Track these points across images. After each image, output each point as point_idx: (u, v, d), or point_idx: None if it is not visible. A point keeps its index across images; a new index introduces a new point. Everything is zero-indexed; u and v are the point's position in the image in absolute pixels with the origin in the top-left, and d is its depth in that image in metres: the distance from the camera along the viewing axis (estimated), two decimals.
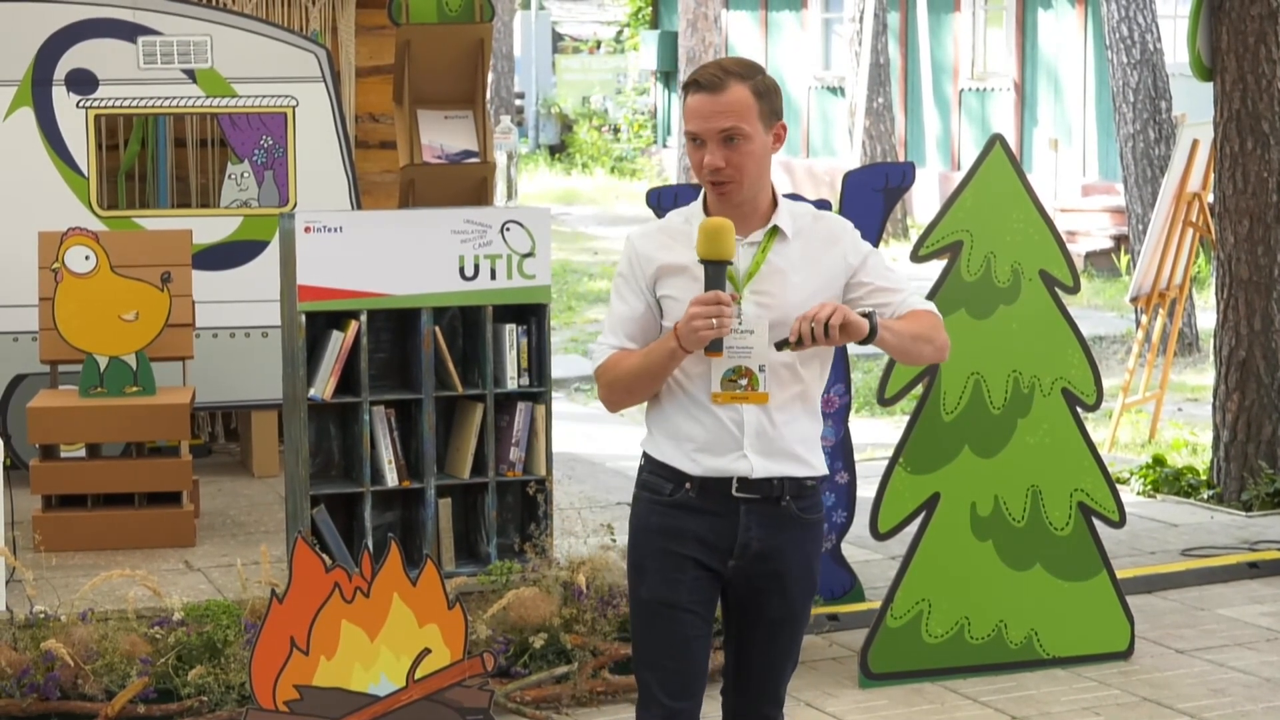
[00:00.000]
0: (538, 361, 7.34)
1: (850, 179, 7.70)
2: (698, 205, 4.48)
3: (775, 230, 4.44)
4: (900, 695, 6.84)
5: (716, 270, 4.29)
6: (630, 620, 4.62)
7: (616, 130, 35.30)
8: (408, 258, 7.12)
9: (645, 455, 4.56)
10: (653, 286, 4.45)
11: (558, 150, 35.83)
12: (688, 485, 4.44)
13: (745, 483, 4.42)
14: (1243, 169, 9.58)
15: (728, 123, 4.32)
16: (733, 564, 4.48)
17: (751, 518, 4.45)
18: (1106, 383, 7.54)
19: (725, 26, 27.50)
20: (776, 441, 4.44)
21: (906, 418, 7.30)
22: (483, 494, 7.32)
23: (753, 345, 4.37)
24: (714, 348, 4.31)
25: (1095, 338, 15.43)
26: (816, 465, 4.52)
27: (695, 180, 18.63)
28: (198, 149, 9.92)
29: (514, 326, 7.28)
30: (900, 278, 4.62)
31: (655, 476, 4.50)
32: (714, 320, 4.23)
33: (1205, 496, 9.78)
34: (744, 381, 4.38)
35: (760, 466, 4.42)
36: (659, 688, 4.50)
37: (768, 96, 4.37)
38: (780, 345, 4.32)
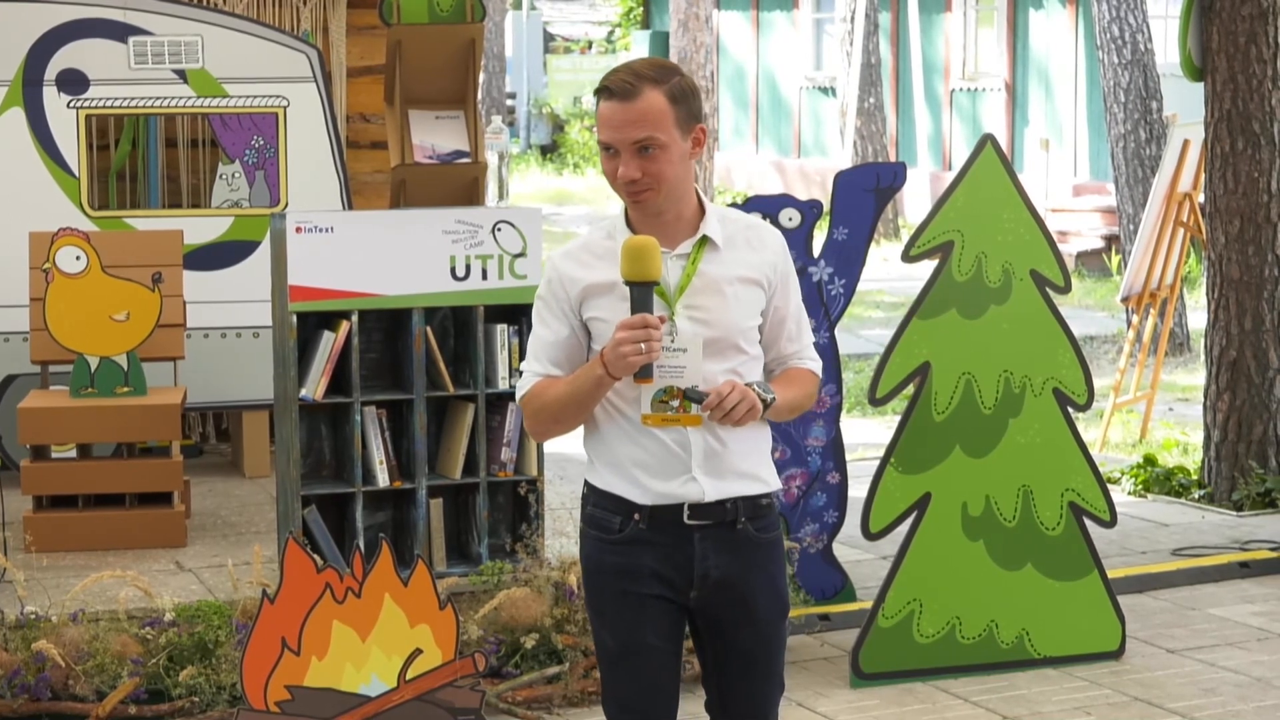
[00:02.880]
0: None
1: (842, 179, 7.71)
2: (620, 220, 4.26)
3: (705, 240, 4.22)
4: (892, 695, 6.84)
5: (643, 292, 4.07)
6: (597, 658, 4.44)
7: None
8: (399, 258, 7.12)
9: (589, 486, 4.32)
10: (578, 309, 4.23)
11: (549, 150, 35.83)
12: (636, 517, 4.21)
13: (697, 509, 4.20)
14: (1233, 169, 9.59)
15: (641, 133, 4.09)
16: (694, 595, 4.27)
17: (707, 545, 4.23)
18: (1097, 383, 7.54)
19: (716, 26, 27.50)
20: (726, 460, 4.22)
21: (898, 418, 7.31)
22: (474, 494, 7.32)
23: (685, 364, 4.12)
24: (644, 374, 4.08)
25: (1086, 338, 15.45)
26: (769, 480, 4.32)
27: None
28: (189, 149, 9.90)
29: (505, 327, 7.27)
30: (808, 326, 4.44)
31: (602, 511, 4.27)
32: (642, 345, 4.02)
33: (1196, 496, 9.80)
34: (675, 403, 4.12)
35: (712, 489, 4.20)
36: None
37: (684, 100, 4.14)
38: (692, 395, 4.11)
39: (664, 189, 4.15)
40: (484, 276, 7.23)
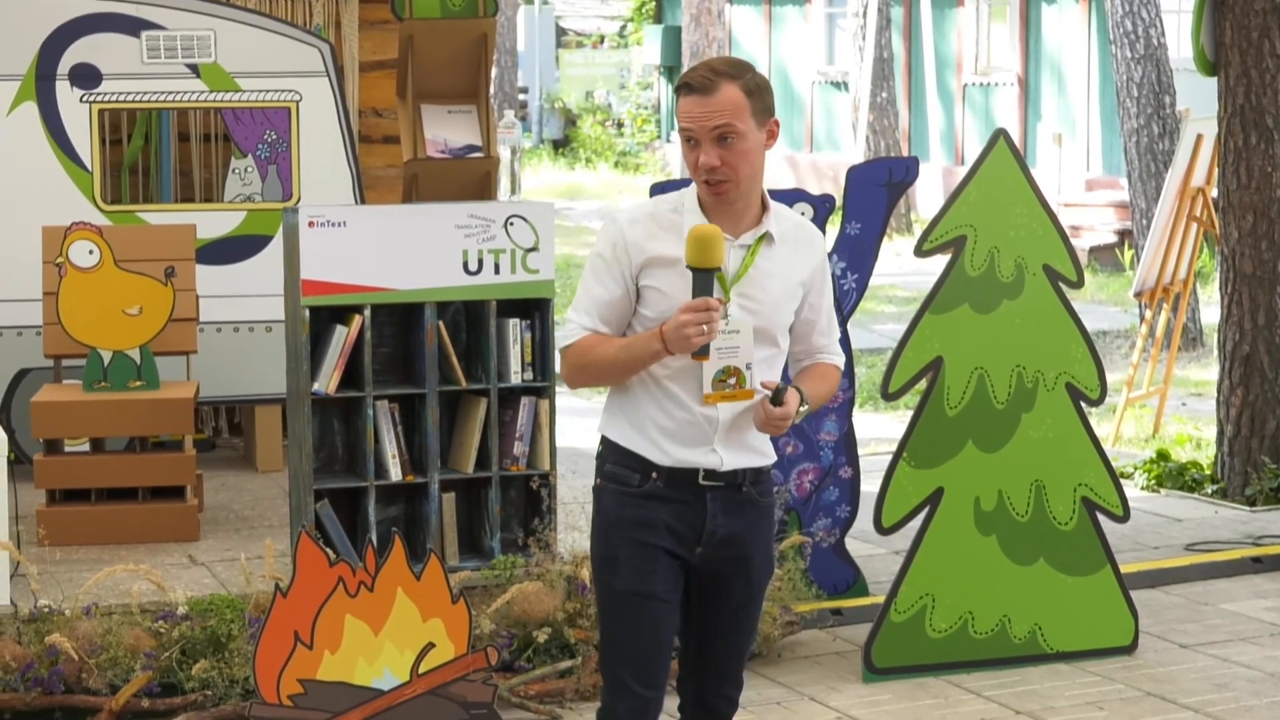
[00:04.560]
0: (541, 356, 7.33)
1: (854, 174, 7.70)
2: (691, 195, 4.50)
3: (766, 235, 4.50)
4: (904, 690, 6.84)
5: (705, 278, 4.34)
6: (600, 612, 4.65)
7: (620, 125, 35.31)
8: (411, 252, 7.12)
9: (606, 441, 4.59)
10: (636, 275, 4.48)
11: (561, 145, 35.83)
12: (654, 475, 4.50)
13: (712, 473, 4.51)
14: (1246, 164, 9.58)
15: (720, 120, 4.36)
16: (700, 551, 4.54)
17: (717, 505, 4.53)
18: (1110, 378, 7.53)
19: (729, 21, 27.51)
20: (743, 435, 4.53)
21: (910, 412, 7.30)
22: (486, 489, 7.32)
23: (739, 345, 4.41)
24: (701, 352, 4.36)
25: (1099, 333, 15.42)
26: (770, 454, 4.64)
27: None
28: (201, 143, 9.91)
29: (518, 321, 7.27)
30: (836, 322, 4.74)
31: (620, 468, 4.54)
32: (704, 327, 4.29)
33: (1209, 491, 9.79)
34: (733, 381, 4.42)
35: (729, 460, 4.51)
36: (632, 678, 4.56)
37: (759, 94, 4.41)
38: (774, 398, 4.42)
39: (740, 181, 4.42)
40: (496, 271, 7.23)
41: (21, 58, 8.97)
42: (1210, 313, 15.36)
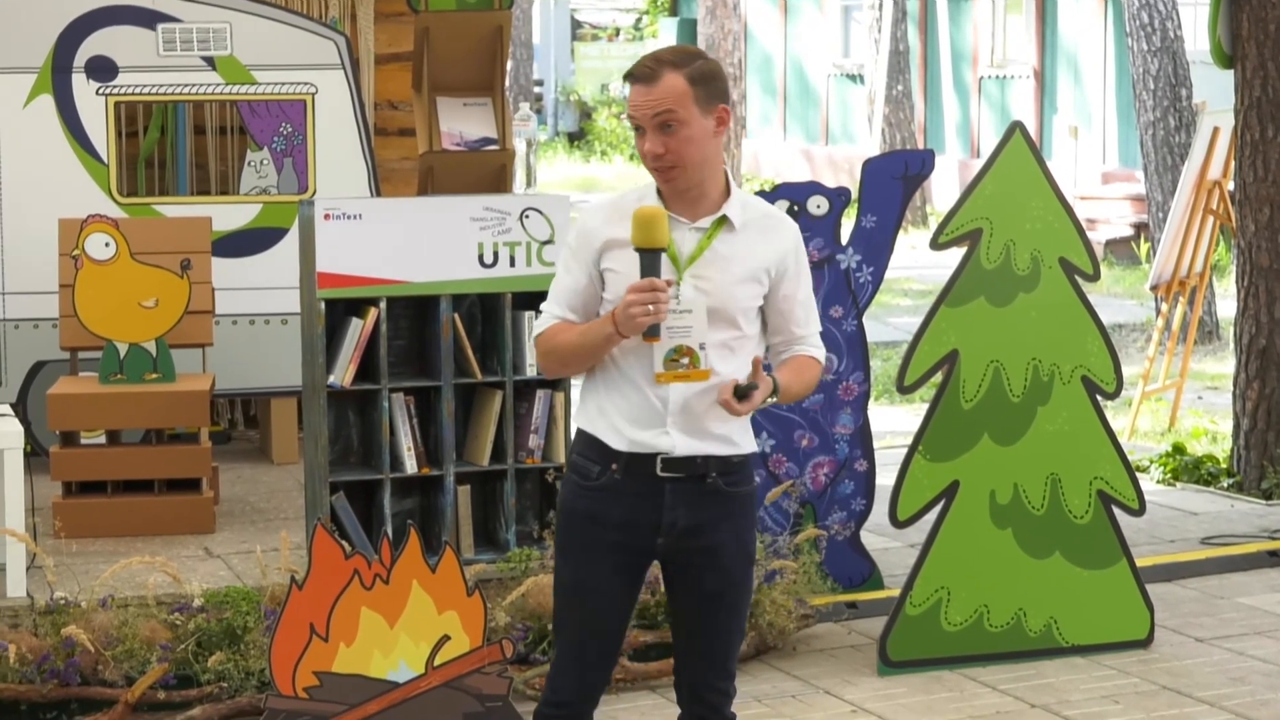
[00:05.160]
0: None
1: (870, 166, 7.70)
2: (652, 189, 4.59)
3: (723, 219, 4.55)
4: (919, 683, 6.83)
5: (651, 258, 4.40)
6: (554, 591, 4.76)
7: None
8: (427, 245, 7.12)
9: (577, 430, 4.67)
10: (597, 260, 4.57)
11: (577, 138, 35.81)
12: (614, 467, 4.55)
13: (669, 462, 4.52)
14: (1263, 156, 9.56)
15: (662, 108, 4.44)
16: (661, 541, 4.58)
17: (676, 497, 4.55)
18: (1126, 371, 7.52)
19: (744, 13, 27.44)
20: (702, 420, 4.52)
21: (925, 405, 7.29)
22: (501, 481, 7.33)
23: (692, 325, 4.44)
24: (651, 333, 4.41)
25: (1115, 326, 15.40)
26: (742, 444, 4.61)
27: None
28: (217, 136, 9.92)
29: (533, 314, 7.26)
30: (816, 314, 4.73)
31: (583, 459, 4.61)
32: (650, 307, 4.36)
33: (1225, 485, 9.77)
34: (685, 360, 4.45)
35: (683, 444, 4.52)
36: (572, 658, 4.70)
37: (704, 82, 4.48)
38: (740, 393, 4.40)
39: (688, 167, 4.49)
40: (511, 263, 7.23)
41: (38, 50, 8.98)
42: (1226, 306, 15.32)
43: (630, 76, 4.50)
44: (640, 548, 4.60)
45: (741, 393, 4.40)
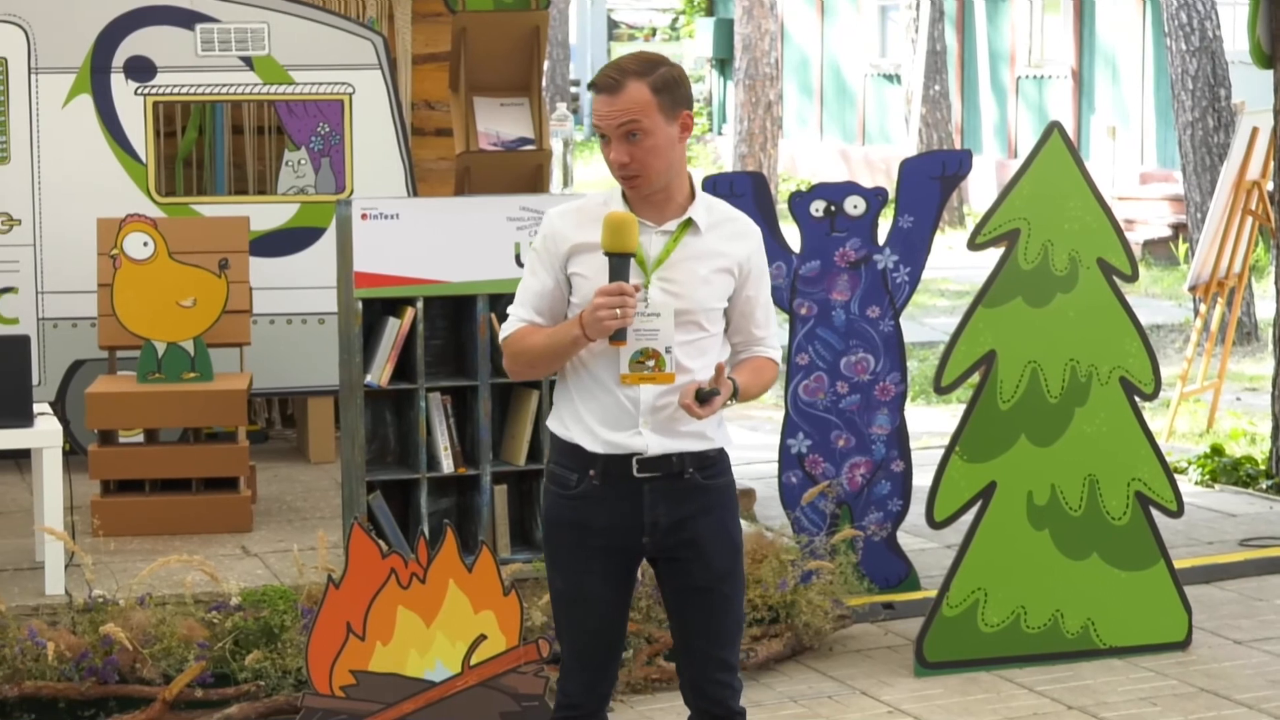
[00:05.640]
0: None
1: (907, 166, 7.68)
2: (617, 193, 4.63)
3: (689, 222, 4.59)
4: (956, 684, 6.82)
5: (620, 262, 4.44)
6: (551, 599, 4.81)
7: None
8: (463, 245, 7.13)
9: (551, 437, 4.70)
10: (564, 264, 4.60)
11: None
12: (591, 473, 4.58)
13: (645, 462, 4.57)
14: None
15: (626, 118, 4.48)
16: (647, 540, 4.63)
17: (656, 495, 4.60)
18: (1164, 372, 7.50)
19: (781, 13, 27.43)
20: (673, 419, 4.57)
21: (963, 406, 7.28)
22: (538, 481, 7.32)
23: (659, 328, 4.49)
24: (618, 337, 4.45)
25: (1153, 326, 15.35)
26: (716, 438, 4.66)
27: (750, 168, 18.63)
28: (255, 136, 9.95)
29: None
30: (775, 319, 4.80)
31: (560, 468, 4.65)
32: (618, 310, 4.40)
33: (1264, 486, 9.73)
34: (651, 363, 4.50)
35: (656, 444, 4.57)
36: (576, 660, 4.74)
37: (667, 90, 4.52)
38: (702, 395, 4.44)
39: (653, 174, 4.54)
40: None
41: (77, 51, 9.02)
42: (1265, 307, 15.27)
43: (594, 86, 4.53)
44: (627, 548, 4.65)
45: (703, 397, 4.45)
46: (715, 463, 4.67)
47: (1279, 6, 9.51)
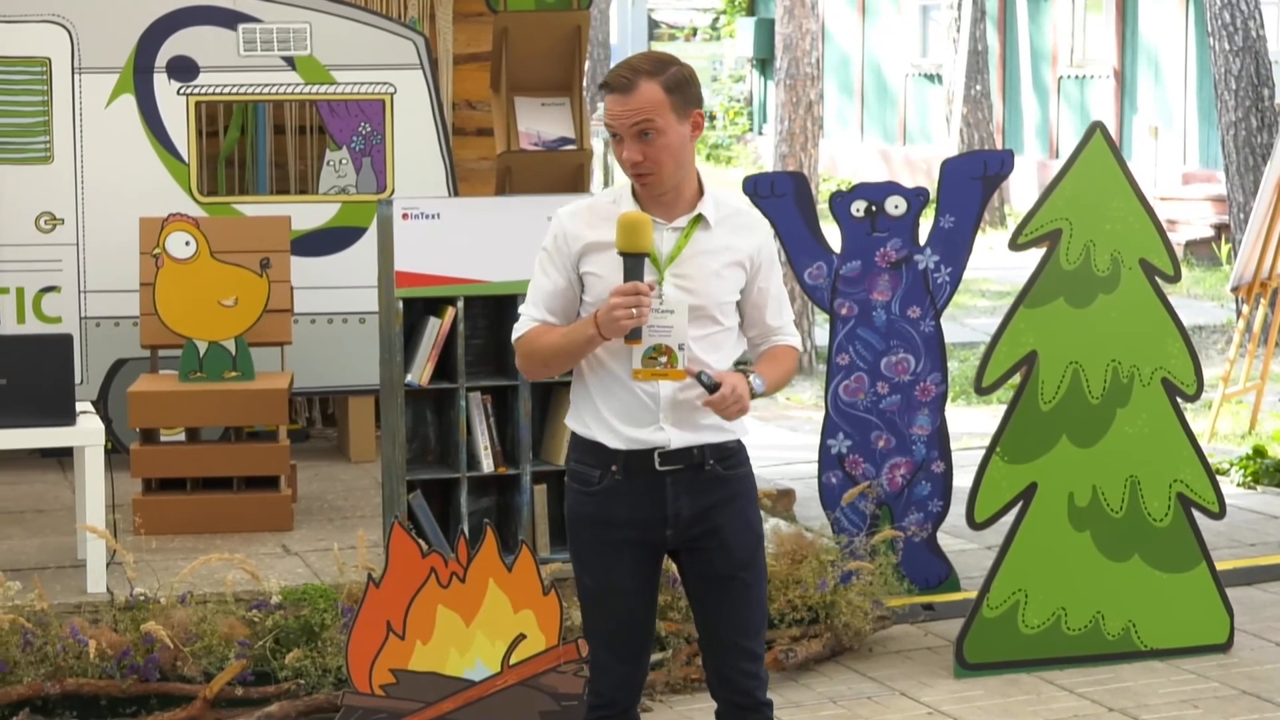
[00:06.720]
0: None
1: (948, 166, 7.67)
2: (627, 190, 4.69)
3: (699, 218, 4.64)
4: (996, 685, 6.80)
5: (635, 262, 4.49)
6: (578, 595, 4.83)
7: (712, 118, 35.25)
8: (504, 244, 7.13)
9: (572, 436, 4.74)
10: (576, 263, 4.65)
11: None
12: (614, 469, 4.63)
13: (667, 455, 4.61)
14: None
15: (640, 118, 4.53)
16: (670, 533, 4.67)
17: (678, 488, 4.64)
18: (1207, 373, 7.46)
19: (822, 13, 27.38)
20: (694, 413, 4.61)
21: (1004, 407, 7.26)
22: None
23: (673, 325, 4.52)
24: (633, 336, 4.49)
25: (1195, 327, 15.29)
26: (736, 430, 4.70)
27: (791, 168, 18.51)
28: (297, 136, 9.98)
29: None
30: (789, 305, 4.83)
31: (581, 465, 4.70)
32: (633, 310, 4.44)
33: None
34: (664, 359, 4.52)
35: (677, 438, 4.61)
36: (608, 656, 4.76)
37: (679, 90, 4.56)
38: (705, 382, 4.49)
39: (665, 172, 4.59)
40: None
41: (120, 50, 9.05)
42: None
43: (606, 86, 4.57)
44: (651, 542, 4.69)
45: (709, 385, 4.47)
46: (734, 453, 4.71)
47: None
